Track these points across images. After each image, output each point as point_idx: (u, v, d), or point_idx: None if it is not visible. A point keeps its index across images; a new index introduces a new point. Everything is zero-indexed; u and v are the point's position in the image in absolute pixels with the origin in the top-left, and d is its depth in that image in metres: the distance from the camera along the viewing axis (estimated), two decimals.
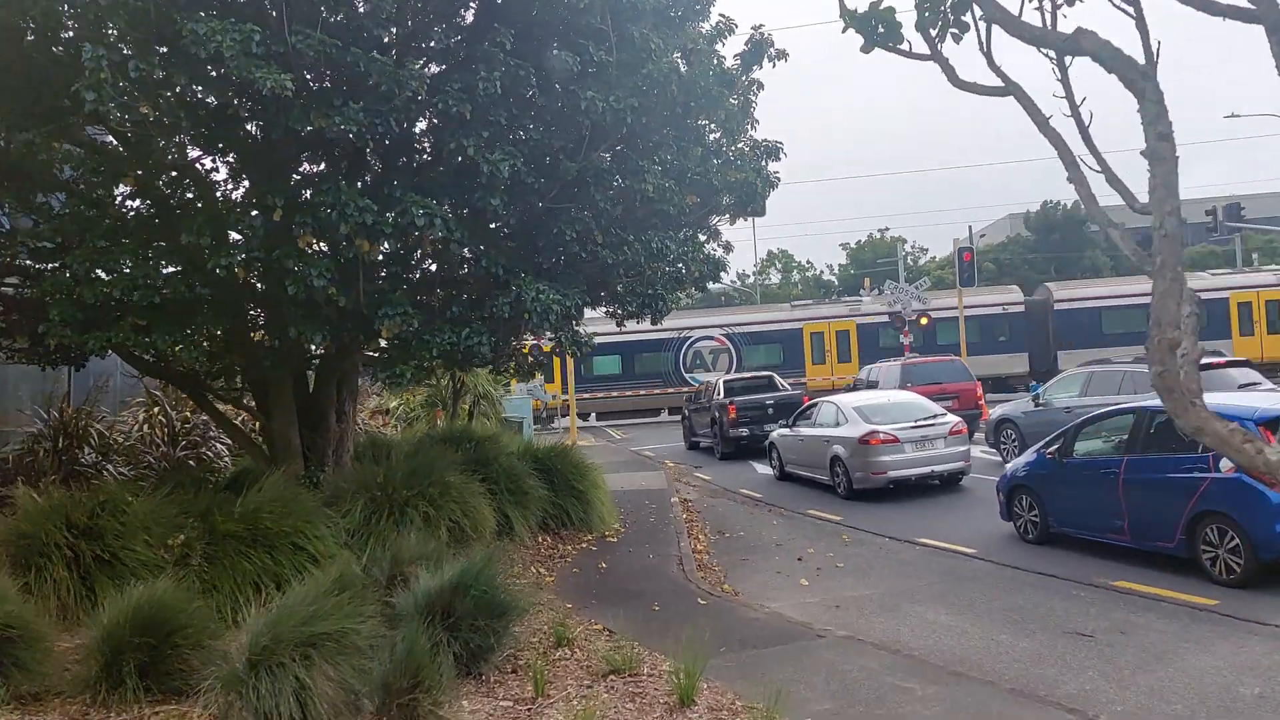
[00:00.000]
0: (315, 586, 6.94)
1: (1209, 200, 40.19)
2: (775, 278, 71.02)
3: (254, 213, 9.02)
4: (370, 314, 9.20)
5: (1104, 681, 6.89)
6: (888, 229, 67.37)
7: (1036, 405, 17.29)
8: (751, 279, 64.66)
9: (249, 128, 9.62)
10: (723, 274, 14.11)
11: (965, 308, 36.39)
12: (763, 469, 20.18)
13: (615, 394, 38.40)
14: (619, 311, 13.87)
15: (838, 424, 16.41)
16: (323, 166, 9.86)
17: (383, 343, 9.91)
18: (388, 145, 9.37)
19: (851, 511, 14.70)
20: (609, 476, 20.08)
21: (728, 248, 14.24)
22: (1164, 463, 9.66)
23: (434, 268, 10.75)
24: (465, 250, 9.61)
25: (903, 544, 12.23)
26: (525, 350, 13.95)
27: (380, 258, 9.35)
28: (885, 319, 36.25)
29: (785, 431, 18.49)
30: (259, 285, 9.87)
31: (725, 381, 24.22)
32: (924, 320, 34.38)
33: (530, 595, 9.11)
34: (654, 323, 14.25)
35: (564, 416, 37.83)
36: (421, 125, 9.89)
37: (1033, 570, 10.32)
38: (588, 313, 12.40)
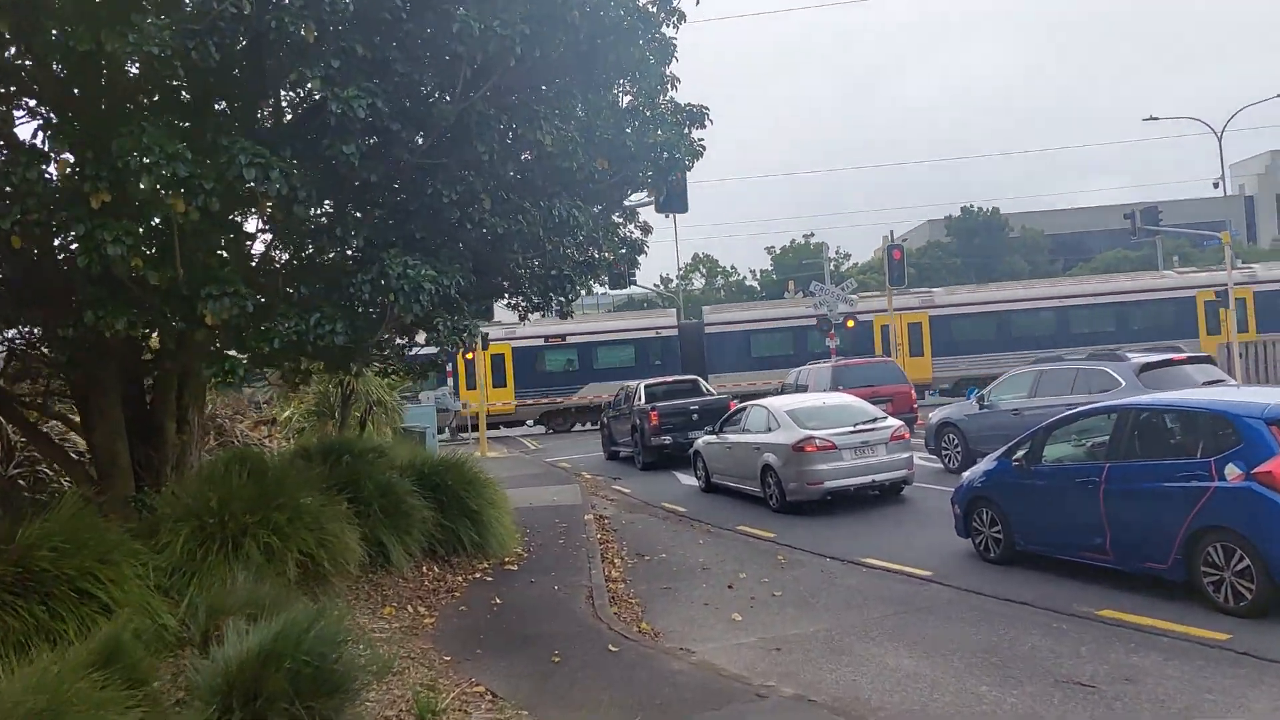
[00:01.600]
0: (76, 656, 5.02)
1: (1124, 206, 40.15)
2: (699, 282, 69.80)
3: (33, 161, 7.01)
4: (191, 295, 7.24)
5: None
6: (812, 234, 66.77)
7: (981, 407, 15.98)
8: (675, 283, 63.28)
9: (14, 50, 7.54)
10: (640, 258, 12.42)
11: (619, 331, 37.21)
12: (687, 480, 18.53)
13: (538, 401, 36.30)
14: (521, 304, 12.06)
15: (769, 429, 14.84)
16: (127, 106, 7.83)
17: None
18: (208, 79, 7.39)
19: (786, 527, 13.12)
20: (516, 491, 18.24)
21: (646, 229, 12.56)
22: (1156, 470, 8.23)
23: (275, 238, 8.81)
24: (314, 214, 7.71)
25: (847, 565, 10.66)
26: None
27: (199, 220, 7.39)
28: (806, 322, 35.24)
29: (711, 439, 16.87)
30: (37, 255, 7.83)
31: (646, 386, 22.52)
32: (850, 323, 33.28)
33: (396, 648, 7.26)
34: (562, 317, 12.49)
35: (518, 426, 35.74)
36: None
37: (1001, 596, 8.81)
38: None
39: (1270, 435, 7.50)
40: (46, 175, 7.05)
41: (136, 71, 7.42)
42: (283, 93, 8.32)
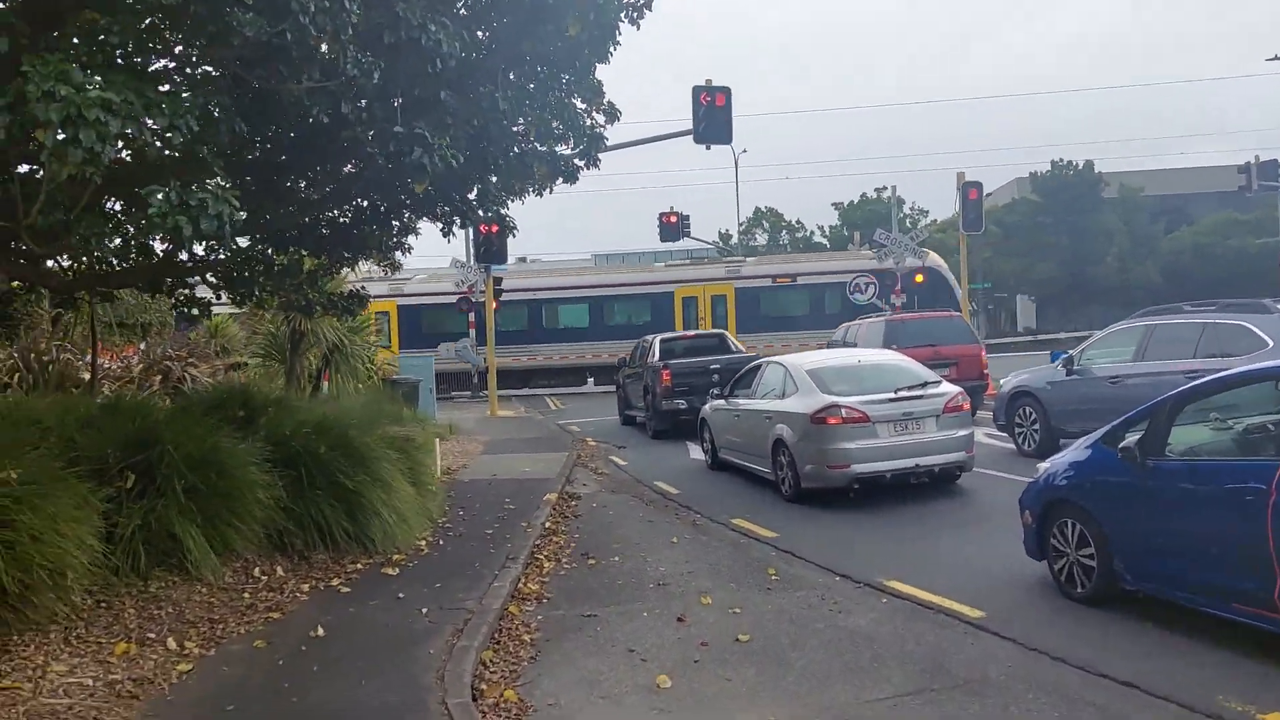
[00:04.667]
0: None
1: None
2: (762, 238, 65.79)
3: None
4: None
5: None
6: (885, 188, 62.07)
7: (1069, 373, 12.34)
8: (735, 238, 59.39)
9: None
10: (599, 151, 9.14)
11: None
12: (697, 452, 15.29)
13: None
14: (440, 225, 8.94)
15: (784, 394, 11.50)
16: None
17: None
18: None
19: (794, 524, 9.86)
20: (489, 459, 15.26)
21: (612, 113, 9.22)
22: None
23: None
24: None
25: (862, 591, 7.37)
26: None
27: None
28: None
29: (720, 404, 13.58)
30: None
31: (662, 341, 19.25)
32: (919, 278, 29.47)
33: None
34: (461, 226, 9.32)
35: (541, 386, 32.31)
36: None
37: (1090, 668, 5.45)
38: None
39: None
40: None
41: None
42: None
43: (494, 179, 8.51)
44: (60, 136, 4.10)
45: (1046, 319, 59.66)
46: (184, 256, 10.58)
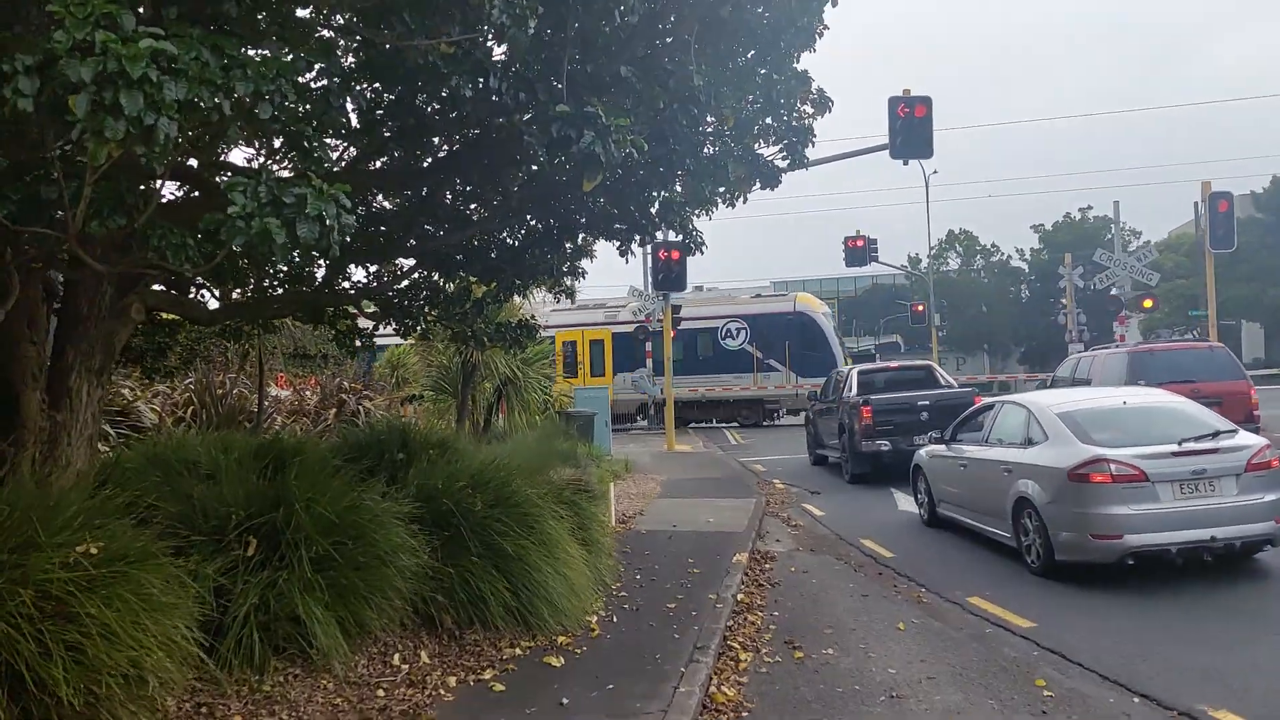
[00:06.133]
0: None
1: None
2: (954, 262, 61.95)
3: None
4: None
5: None
6: (1089, 208, 57.12)
7: None
8: (924, 262, 55.97)
9: None
10: (807, 147, 7.52)
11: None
12: (906, 501, 13.32)
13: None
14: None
15: (1028, 442, 9.45)
16: None
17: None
18: None
19: (1053, 608, 7.84)
20: (668, 505, 13.79)
21: (822, 102, 7.57)
22: None
23: None
24: None
25: None
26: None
27: None
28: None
29: (939, 450, 11.58)
30: None
31: (860, 373, 17.27)
32: (1147, 303, 26.14)
33: None
34: (641, 244, 7.91)
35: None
36: None
37: None
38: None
39: None
40: None
41: None
42: None
43: (678, 188, 7.08)
44: (93, 101, 2.92)
45: (1277, 349, 53.13)
46: (346, 284, 9.78)
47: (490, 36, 4.40)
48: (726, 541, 10.70)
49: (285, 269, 9.84)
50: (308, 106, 4.06)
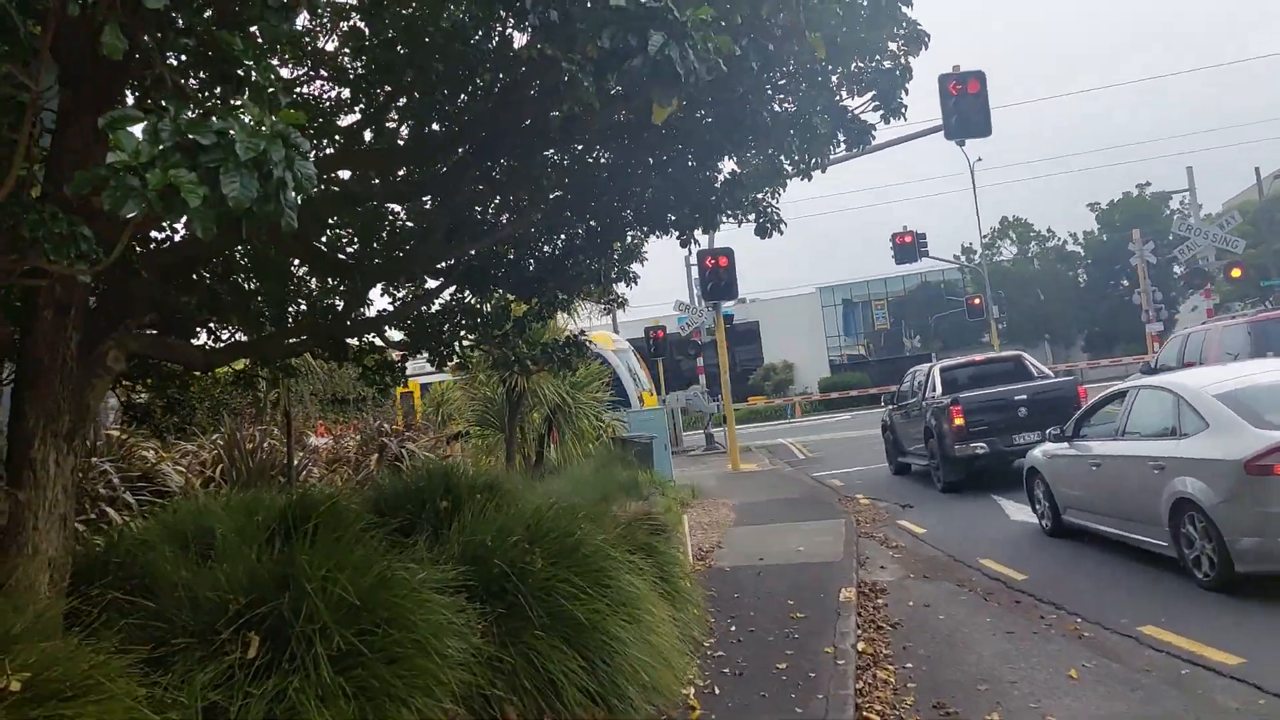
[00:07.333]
0: None
1: None
2: (1008, 251, 59.72)
3: None
4: None
5: None
6: (1147, 184, 54.68)
7: None
8: (978, 254, 53.89)
9: None
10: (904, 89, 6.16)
11: None
12: (1018, 511, 11.77)
13: None
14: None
15: (1177, 431, 7.93)
16: None
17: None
18: None
19: (1252, 637, 6.31)
20: (746, 533, 12.39)
21: (916, 37, 6.19)
22: None
23: None
24: None
25: None
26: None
27: None
28: None
29: (1060, 449, 10.04)
30: None
31: (943, 370, 15.72)
32: (1236, 272, 24.23)
33: None
34: (705, 231, 6.58)
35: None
36: None
37: None
38: None
39: None
40: None
41: None
42: None
43: (751, 151, 5.77)
44: None
45: None
46: (368, 312, 8.60)
47: None
48: (825, 574, 9.27)
49: (302, 300, 8.72)
50: None
